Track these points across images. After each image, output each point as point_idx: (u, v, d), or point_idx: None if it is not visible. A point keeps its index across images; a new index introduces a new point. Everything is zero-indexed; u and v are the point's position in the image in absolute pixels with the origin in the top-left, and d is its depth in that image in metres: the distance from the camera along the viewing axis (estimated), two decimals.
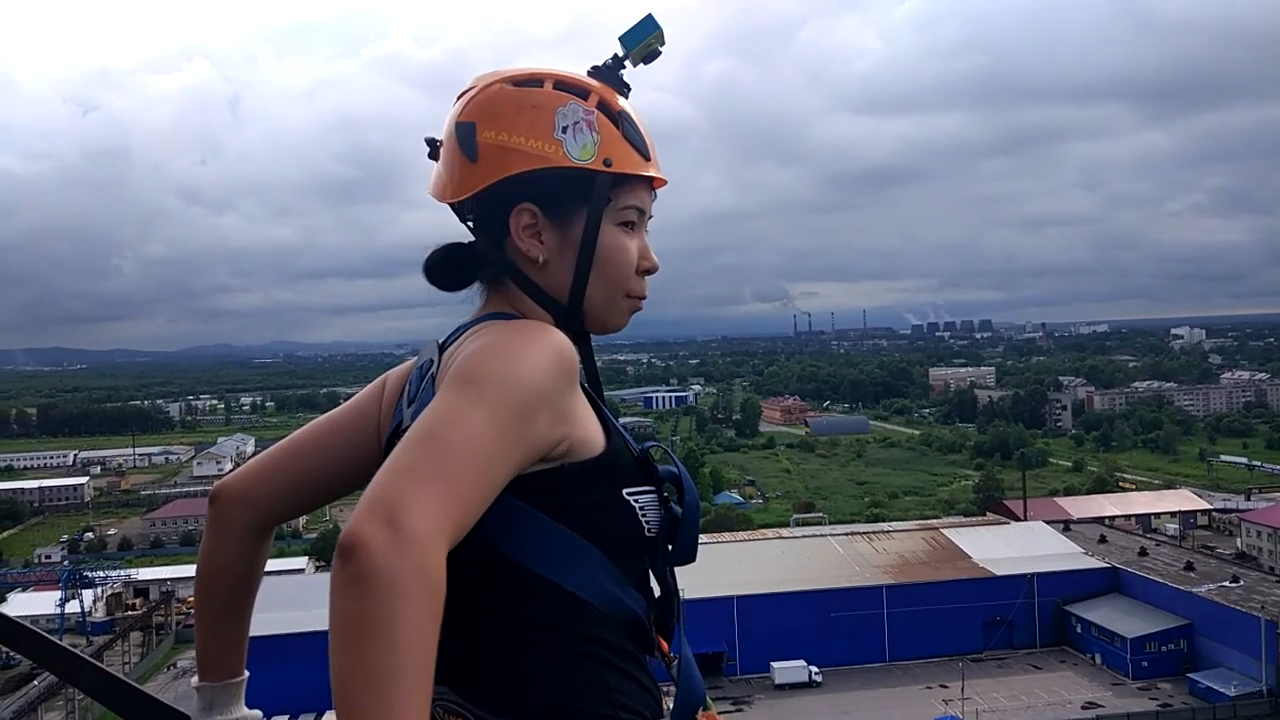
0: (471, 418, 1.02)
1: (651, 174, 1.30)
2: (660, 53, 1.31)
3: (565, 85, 1.27)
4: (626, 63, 1.31)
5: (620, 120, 1.27)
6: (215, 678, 1.40)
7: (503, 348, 1.11)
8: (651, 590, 1.27)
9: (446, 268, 1.33)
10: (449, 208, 1.35)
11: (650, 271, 1.32)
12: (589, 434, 1.20)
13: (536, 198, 1.25)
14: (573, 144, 1.24)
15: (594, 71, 1.31)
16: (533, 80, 1.27)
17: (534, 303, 1.28)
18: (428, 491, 0.94)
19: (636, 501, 1.22)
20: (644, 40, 1.29)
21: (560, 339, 1.15)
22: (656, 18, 1.31)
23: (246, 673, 1.43)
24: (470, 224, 1.33)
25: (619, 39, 1.30)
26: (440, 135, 1.33)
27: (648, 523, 1.23)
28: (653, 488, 1.24)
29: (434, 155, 1.34)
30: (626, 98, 1.31)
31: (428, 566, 0.90)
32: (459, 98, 1.32)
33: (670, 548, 1.26)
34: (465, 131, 1.26)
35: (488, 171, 1.24)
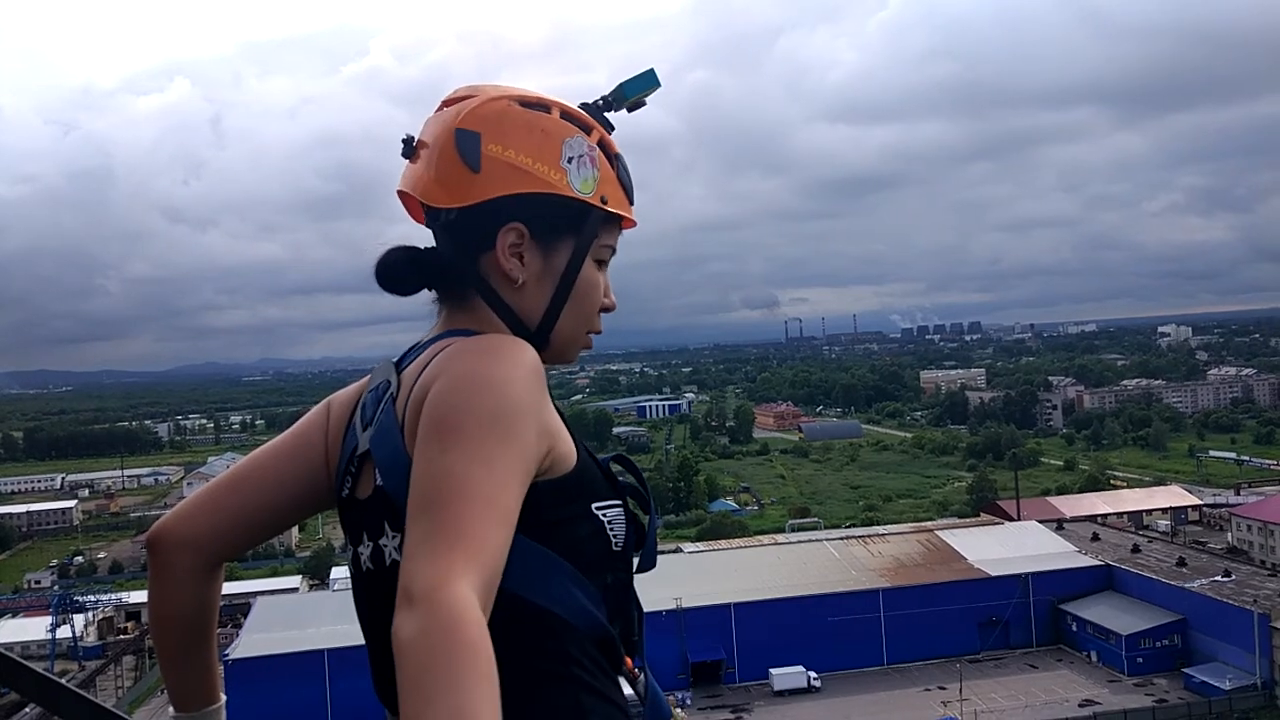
0: (469, 471, 1.01)
1: (633, 218, 1.35)
2: (646, 104, 1.37)
3: (571, 118, 1.29)
4: (613, 105, 1.35)
5: (616, 162, 1.32)
6: (191, 708, 1.39)
7: (476, 377, 1.09)
8: (619, 605, 1.26)
9: (405, 270, 1.30)
10: (412, 208, 1.33)
11: (608, 310, 1.35)
12: (568, 447, 1.20)
13: (528, 220, 1.25)
14: (576, 175, 1.26)
15: (585, 108, 1.34)
16: (540, 105, 1.29)
17: (501, 322, 1.27)
18: (448, 562, 0.93)
19: (605, 515, 1.22)
20: (643, 91, 1.36)
21: (529, 350, 1.15)
22: (657, 72, 1.36)
23: (224, 697, 1.42)
24: (440, 229, 1.31)
25: (621, 84, 1.35)
26: (420, 135, 1.31)
27: (615, 536, 1.23)
28: (619, 501, 1.25)
29: (407, 154, 1.32)
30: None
31: (456, 633, 0.88)
32: (450, 103, 1.30)
33: (635, 560, 1.28)
34: (468, 140, 1.24)
35: (490, 185, 1.23)
